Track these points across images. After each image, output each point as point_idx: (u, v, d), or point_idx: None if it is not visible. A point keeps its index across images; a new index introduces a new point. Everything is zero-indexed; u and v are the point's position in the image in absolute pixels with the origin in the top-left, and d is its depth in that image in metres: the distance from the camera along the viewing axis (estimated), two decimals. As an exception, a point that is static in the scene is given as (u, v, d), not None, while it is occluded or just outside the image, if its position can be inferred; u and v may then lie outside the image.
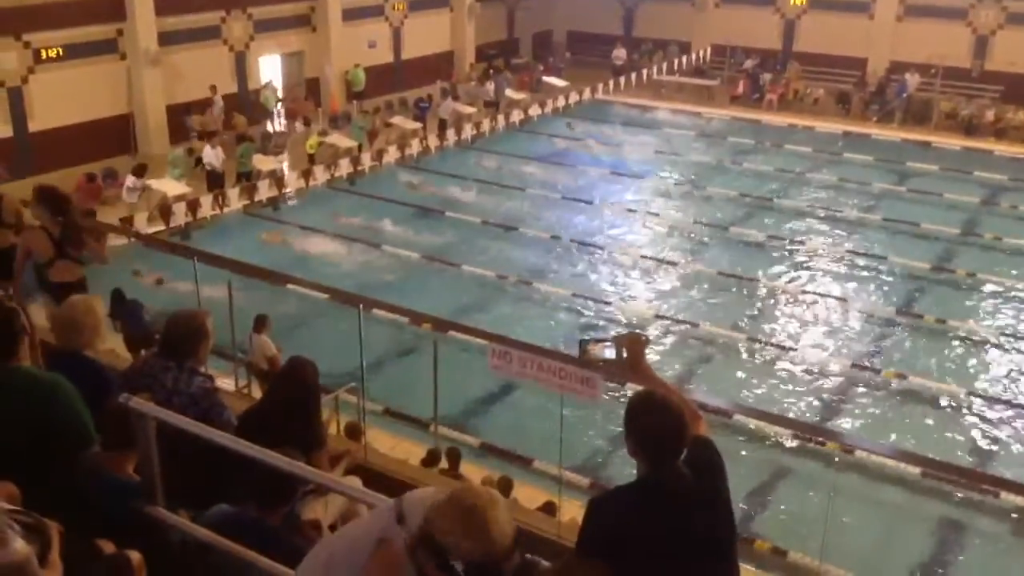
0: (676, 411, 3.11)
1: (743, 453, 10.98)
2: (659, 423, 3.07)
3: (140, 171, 18.31)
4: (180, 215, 17.90)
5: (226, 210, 18.85)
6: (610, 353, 3.59)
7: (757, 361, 13.98)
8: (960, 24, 28.64)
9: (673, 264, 17.45)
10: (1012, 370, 13.88)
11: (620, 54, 32.02)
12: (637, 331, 11.17)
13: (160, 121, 22.02)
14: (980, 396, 12.96)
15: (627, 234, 19.27)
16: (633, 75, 30.11)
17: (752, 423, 10.68)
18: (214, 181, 19.45)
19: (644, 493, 3.12)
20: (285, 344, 11.40)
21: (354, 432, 9.17)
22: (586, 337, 3.48)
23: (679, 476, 3.08)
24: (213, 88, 22.61)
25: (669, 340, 14.53)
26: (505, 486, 9.19)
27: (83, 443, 3.84)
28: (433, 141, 23.89)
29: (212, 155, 19.59)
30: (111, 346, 10.36)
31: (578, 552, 3.16)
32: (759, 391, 13.02)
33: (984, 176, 22.53)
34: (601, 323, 15.05)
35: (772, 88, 28.87)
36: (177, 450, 3.54)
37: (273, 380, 5.11)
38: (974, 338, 14.64)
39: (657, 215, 20.23)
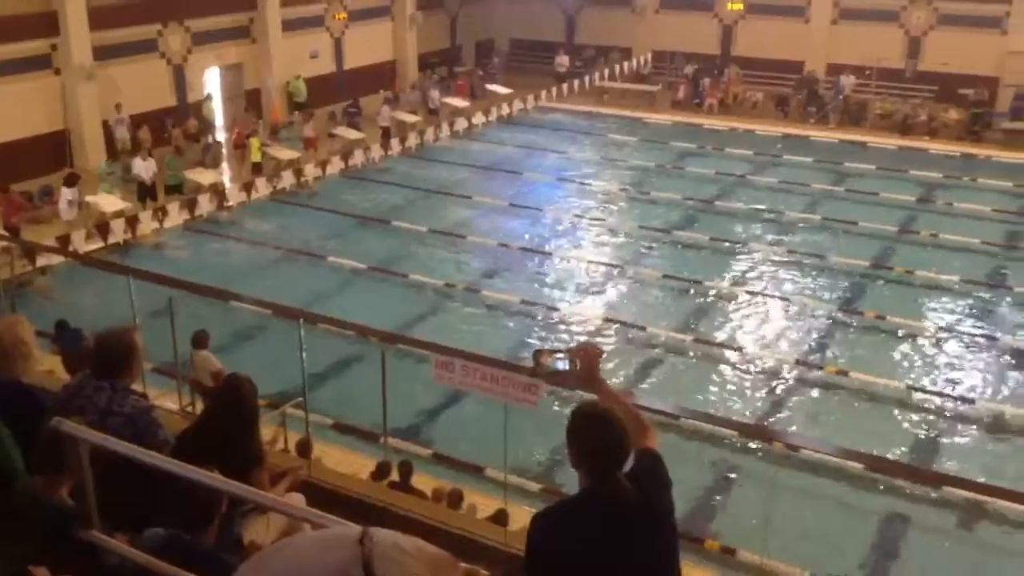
0: (617, 423, 3.10)
1: (690, 453, 11.09)
2: (598, 435, 3.07)
3: (72, 180, 17.96)
4: (119, 231, 17.59)
5: (167, 225, 18.57)
6: (563, 364, 3.58)
7: (704, 361, 14.15)
8: (893, 26, 29.30)
9: (619, 268, 17.60)
10: (950, 364, 14.23)
11: (563, 61, 32.22)
12: (591, 342, 11.26)
13: (96, 136, 21.62)
14: (920, 390, 13.26)
15: (574, 239, 19.39)
16: (576, 82, 30.32)
17: (699, 424, 10.78)
18: (144, 193, 19.21)
19: (583, 506, 3.11)
20: (231, 361, 11.26)
21: (305, 448, 9.09)
22: (539, 347, 3.47)
23: (619, 489, 3.08)
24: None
25: (617, 343, 14.63)
26: (456, 497, 9.18)
27: (10, 480, 3.78)
28: (377, 151, 23.79)
29: (142, 167, 19.33)
30: (49, 367, 10.15)
31: (524, 568, 3.16)
32: (706, 390, 13.18)
33: (919, 174, 23.05)
34: (551, 331, 15.11)
35: (712, 93, 29.25)
36: (113, 472, 3.48)
37: (210, 399, 5.06)
38: (913, 333, 14.97)
39: (603, 220, 20.38)
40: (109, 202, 18.43)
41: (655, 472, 3.27)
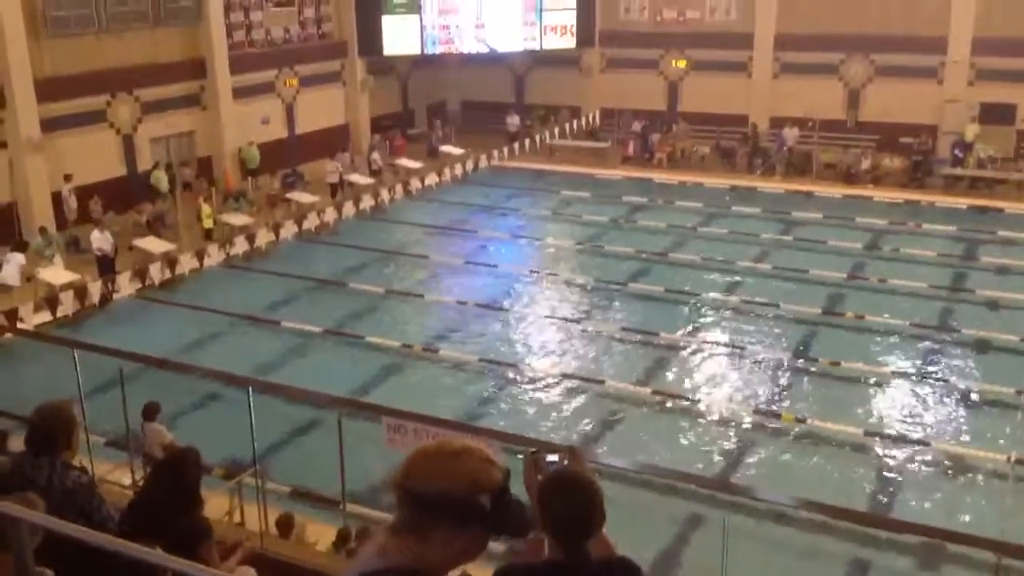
0: (591, 491, 3.02)
1: (651, 506, 11.06)
2: (569, 501, 2.94)
3: (23, 247, 17.84)
4: (68, 304, 17.31)
5: (116, 296, 18.34)
6: (554, 465, 3.55)
7: (662, 413, 14.19)
8: (832, 79, 30.17)
9: (576, 322, 17.67)
10: (904, 407, 14.41)
11: (514, 121, 32.67)
12: (572, 445, 11.33)
13: (45, 208, 21.37)
14: (876, 434, 13.39)
15: (530, 296, 19.47)
16: (527, 140, 30.72)
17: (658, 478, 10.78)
18: (105, 266, 18.97)
19: (541, 573, 3.00)
20: (187, 431, 11.07)
21: (286, 526, 8.90)
22: (534, 449, 3.47)
23: (583, 562, 2.98)
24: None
25: (575, 398, 14.63)
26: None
27: None
28: (331, 214, 23.81)
29: (101, 239, 19.10)
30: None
31: None
32: (665, 442, 13.18)
33: (865, 221, 23.57)
34: (510, 388, 15.08)
35: (660, 147, 29.78)
36: (56, 552, 3.39)
37: (153, 471, 4.96)
38: (867, 378, 15.16)
39: (558, 275, 20.51)
40: (58, 275, 18.17)
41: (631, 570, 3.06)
